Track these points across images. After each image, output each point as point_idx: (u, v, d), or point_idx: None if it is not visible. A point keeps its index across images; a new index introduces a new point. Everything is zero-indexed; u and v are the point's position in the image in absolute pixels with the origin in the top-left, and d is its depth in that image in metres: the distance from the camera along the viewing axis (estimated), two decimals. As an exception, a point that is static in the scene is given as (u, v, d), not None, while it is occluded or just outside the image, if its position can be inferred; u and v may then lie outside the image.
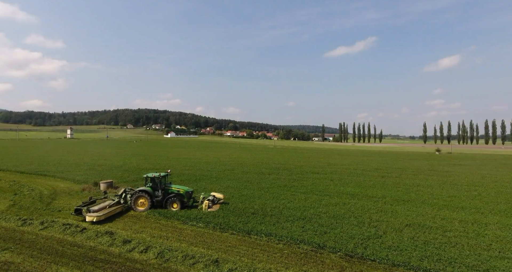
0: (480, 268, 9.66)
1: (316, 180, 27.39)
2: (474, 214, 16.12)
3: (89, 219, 13.51)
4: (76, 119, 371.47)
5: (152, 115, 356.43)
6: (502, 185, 26.17)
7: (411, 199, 19.91)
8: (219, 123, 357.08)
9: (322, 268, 10.00)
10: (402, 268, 9.98)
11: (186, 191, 16.55)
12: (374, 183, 26.41)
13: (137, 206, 15.83)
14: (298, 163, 43.57)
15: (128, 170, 30.45)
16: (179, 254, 10.49)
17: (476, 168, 41.32)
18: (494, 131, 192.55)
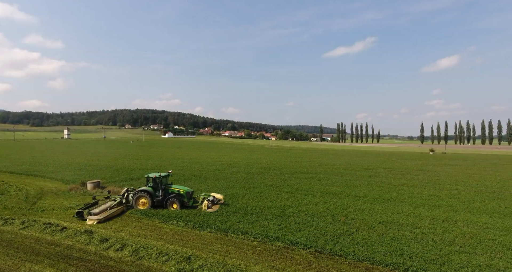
0: (437, 262, 10.12)
1: (304, 180, 27.80)
2: (447, 212, 16.58)
3: (89, 222, 13.78)
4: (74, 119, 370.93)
5: (150, 116, 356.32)
6: (484, 184, 26.68)
7: (391, 197, 20.36)
8: (217, 124, 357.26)
9: (290, 264, 10.40)
10: (366, 263, 10.42)
11: (186, 191, 16.67)
12: (360, 182, 26.86)
13: (138, 205, 16.11)
14: (289, 163, 43.99)
15: (118, 170, 30.78)
16: (153, 252, 10.85)
17: (465, 167, 41.85)
18: (491, 131, 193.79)
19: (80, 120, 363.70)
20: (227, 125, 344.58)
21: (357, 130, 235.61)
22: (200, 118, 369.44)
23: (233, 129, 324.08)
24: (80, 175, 27.16)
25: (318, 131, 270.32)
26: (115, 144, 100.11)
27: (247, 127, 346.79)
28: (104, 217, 14.15)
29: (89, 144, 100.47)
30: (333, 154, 74.82)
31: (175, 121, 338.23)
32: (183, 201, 16.35)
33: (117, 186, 22.00)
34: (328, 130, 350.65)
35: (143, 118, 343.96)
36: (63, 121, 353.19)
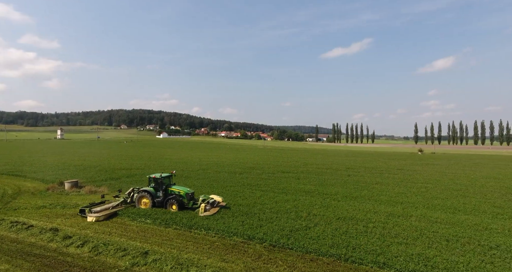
0: (376, 252, 10.88)
1: (283, 179, 28.48)
2: (407, 208, 17.35)
3: (89, 219, 14.24)
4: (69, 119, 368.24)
5: (146, 116, 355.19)
6: (455, 182, 27.59)
7: (360, 195, 21.10)
8: (214, 124, 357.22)
9: (241, 257, 11.04)
10: (313, 254, 11.14)
11: (186, 192, 16.54)
12: (337, 181, 27.60)
13: (140, 205, 16.43)
14: (275, 163, 44.67)
15: (101, 170, 31.21)
16: (113, 248, 11.31)
17: (445, 167, 42.87)
18: (483, 132, 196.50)
19: (75, 121, 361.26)
20: (224, 126, 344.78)
21: (352, 130, 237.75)
22: (196, 118, 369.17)
23: (229, 130, 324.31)
24: (62, 174, 27.55)
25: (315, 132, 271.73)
26: (107, 144, 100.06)
27: (244, 128, 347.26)
28: (103, 215, 14.45)
29: (81, 144, 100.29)
30: (323, 154, 75.70)
31: (171, 122, 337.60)
32: (183, 202, 16.24)
33: (95, 186, 22.46)
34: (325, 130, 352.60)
35: (139, 119, 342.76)
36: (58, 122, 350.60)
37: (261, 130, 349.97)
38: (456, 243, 11.85)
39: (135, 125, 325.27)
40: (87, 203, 17.34)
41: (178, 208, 15.85)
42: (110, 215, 15.10)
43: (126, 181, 25.39)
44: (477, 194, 21.69)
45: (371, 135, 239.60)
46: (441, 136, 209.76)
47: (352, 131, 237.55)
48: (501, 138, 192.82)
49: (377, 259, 10.39)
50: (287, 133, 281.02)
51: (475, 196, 21.14)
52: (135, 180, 25.74)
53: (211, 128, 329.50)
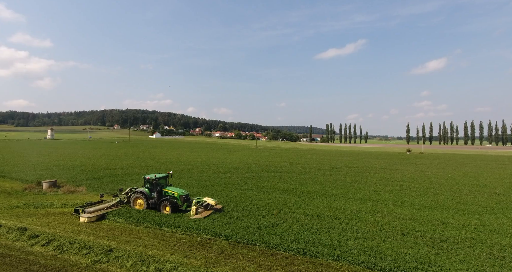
0: (333, 246, 11.40)
1: (265, 178, 28.93)
2: (376, 205, 17.96)
3: (81, 219, 14.18)
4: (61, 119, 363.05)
5: (140, 116, 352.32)
6: (431, 181, 28.47)
7: (336, 193, 21.67)
8: (208, 124, 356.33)
9: (204, 253, 11.39)
10: (274, 249, 11.59)
11: (180, 194, 16.06)
12: (317, 180, 28.17)
13: (136, 206, 16.25)
14: (262, 163, 45.13)
15: (84, 170, 31.19)
16: (78, 246, 11.41)
17: (427, 166, 43.95)
18: (473, 132, 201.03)
19: (68, 121, 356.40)
20: (218, 126, 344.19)
21: (346, 131, 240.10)
22: (191, 118, 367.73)
23: (224, 130, 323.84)
24: (43, 175, 27.48)
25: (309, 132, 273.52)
26: (98, 144, 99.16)
27: (238, 128, 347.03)
28: (95, 215, 14.33)
29: (71, 144, 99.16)
30: (313, 154, 76.51)
31: (165, 122, 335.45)
32: (177, 204, 15.81)
33: (74, 185, 22.54)
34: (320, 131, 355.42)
35: (133, 119, 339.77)
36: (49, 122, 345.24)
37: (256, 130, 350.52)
38: (411, 236, 12.45)
39: (129, 126, 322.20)
40: (61, 203, 17.48)
41: (171, 210, 15.40)
42: (103, 215, 14.86)
43: (107, 180, 25.50)
44: (447, 192, 22.49)
45: (364, 135, 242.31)
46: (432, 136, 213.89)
47: (345, 132, 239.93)
48: (490, 138, 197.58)
49: (332, 253, 10.90)
50: (281, 134, 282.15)
51: (445, 193, 21.93)
52: (116, 180, 25.87)
53: (205, 128, 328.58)
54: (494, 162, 54.89)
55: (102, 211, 15.17)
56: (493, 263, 9.90)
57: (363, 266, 10.10)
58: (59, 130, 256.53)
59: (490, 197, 20.42)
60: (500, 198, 20.26)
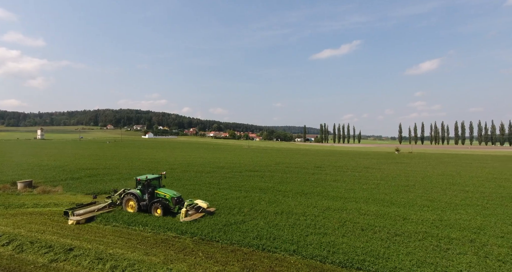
0: (292, 242, 11.73)
1: (247, 177, 29.21)
2: (347, 203, 18.39)
3: (70, 222, 13.84)
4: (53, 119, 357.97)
5: (134, 116, 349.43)
6: (408, 179, 29.16)
7: (312, 192, 22.06)
8: (203, 124, 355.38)
9: (165, 250, 11.55)
10: (236, 246, 11.84)
11: (172, 196, 15.51)
12: (298, 179, 28.58)
13: (127, 207, 15.77)
14: (248, 162, 45.42)
15: (65, 170, 31.02)
16: (38, 245, 11.37)
17: (411, 165, 44.84)
18: (463, 132, 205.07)
19: (60, 121, 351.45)
20: (213, 126, 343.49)
21: (340, 131, 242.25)
22: (185, 118, 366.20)
23: (218, 130, 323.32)
24: (22, 175, 27.28)
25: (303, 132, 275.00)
26: (88, 145, 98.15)
27: (233, 128, 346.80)
28: (84, 218, 14.00)
29: (61, 144, 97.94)
30: (303, 154, 77.12)
31: (160, 122, 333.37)
32: (168, 206, 15.28)
33: (51, 185, 22.47)
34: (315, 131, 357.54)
35: (126, 119, 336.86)
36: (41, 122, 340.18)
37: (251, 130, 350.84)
38: (369, 231, 12.87)
39: (122, 126, 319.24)
40: (33, 203, 17.44)
41: (163, 212, 14.86)
42: (92, 217, 14.52)
43: (87, 180, 25.45)
44: (420, 189, 23.11)
45: (358, 135, 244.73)
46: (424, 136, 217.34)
47: (339, 132, 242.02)
48: (480, 138, 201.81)
49: (289, 248, 11.23)
50: (276, 134, 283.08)
51: (417, 191, 22.54)
52: (96, 180, 25.84)
53: (200, 128, 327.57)
54: (478, 161, 56.22)
55: (92, 213, 14.78)
56: (437, 254, 10.36)
57: (316, 260, 10.45)
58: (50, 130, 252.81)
59: (458, 194, 21.07)
60: (468, 195, 20.93)
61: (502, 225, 13.49)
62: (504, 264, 9.55)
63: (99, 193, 20.91)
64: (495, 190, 22.90)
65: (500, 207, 17.24)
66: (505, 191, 22.23)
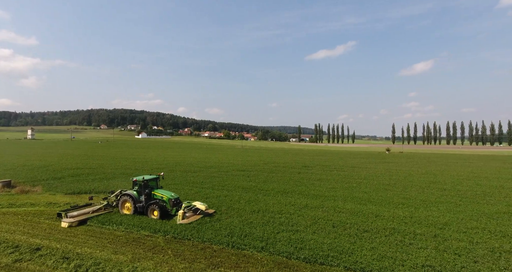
0: (262, 239, 11.88)
1: (232, 177, 29.30)
2: (326, 201, 18.64)
3: (63, 224, 13.33)
4: (45, 119, 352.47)
5: (128, 116, 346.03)
6: (391, 178, 29.66)
7: (294, 190, 22.28)
8: (198, 124, 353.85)
9: (134, 248, 11.52)
10: (207, 243, 11.95)
11: (169, 197, 14.90)
12: (282, 178, 28.78)
13: (123, 209, 15.20)
14: (238, 162, 45.50)
15: (48, 170, 30.68)
16: (4, 246, 11.26)
17: (398, 164, 45.53)
18: (455, 132, 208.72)
19: (52, 121, 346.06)
20: (208, 126, 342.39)
21: (334, 131, 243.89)
22: (180, 118, 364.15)
23: (214, 130, 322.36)
24: (3, 175, 26.93)
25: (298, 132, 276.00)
26: (79, 145, 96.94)
27: (229, 128, 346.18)
28: (77, 220, 13.54)
29: (51, 144, 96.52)
30: (295, 153, 77.51)
31: (154, 122, 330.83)
32: (166, 208, 14.68)
33: (31, 185, 22.22)
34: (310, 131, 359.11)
35: (120, 119, 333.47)
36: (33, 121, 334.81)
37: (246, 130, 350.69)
38: (340, 228, 13.11)
39: (116, 125, 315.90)
40: (8, 203, 17.24)
41: (160, 215, 14.27)
42: (85, 220, 14.02)
43: (69, 180, 25.23)
44: (399, 188, 23.53)
45: (352, 135, 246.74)
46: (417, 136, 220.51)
47: (333, 132, 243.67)
48: (471, 138, 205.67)
49: (258, 245, 11.38)
50: (271, 134, 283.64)
51: (396, 189, 22.95)
52: (79, 179, 25.64)
53: (195, 128, 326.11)
54: (464, 160, 57.33)
55: (86, 215, 14.32)
56: (399, 249, 10.65)
57: (282, 256, 10.62)
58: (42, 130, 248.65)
59: (435, 192, 21.52)
60: (444, 193, 21.40)
61: (468, 221, 13.87)
62: (459, 257, 9.86)
63: (80, 193, 20.79)
64: (472, 188, 23.45)
65: (471, 204, 17.69)
66: (480, 189, 22.79)
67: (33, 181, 24.23)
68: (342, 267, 9.61)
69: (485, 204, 17.67)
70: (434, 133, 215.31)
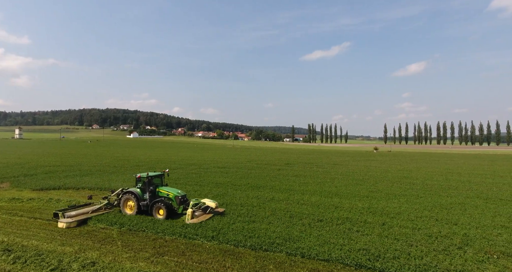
0: (215, 229, 11.86)
1: (210, 173, 29.31)
2: (293, 195, 18.81)
3: (60, 225, 12.59)
4: (36, 119, 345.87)
5: (121, 116, 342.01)
6: (367, 174, 30.12)
7: (266, 185, 22.40)
8: (192, 124, 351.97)
9: (85, 240, 11.37)
10: (160, 234, 11.90)
11: (175, 195, 14.03)
12: (260, 174, 28.92)
13: (126, 209, 14.24)
14: (222, 160, 45.51)
15: (24, 167, 30.23)
16: None
17: (380, 162, 46.20)
18: (445, 132, 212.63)
19: (43, 120, 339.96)
20: (202, 126, 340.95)
21: (327, 131, 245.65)
22: (174, 118, 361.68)
23: (208, 130, 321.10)
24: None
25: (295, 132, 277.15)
26: (67, 144, 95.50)
27: (223, 128, 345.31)
28: (75, 220, 12.83)
29: (38, 143, 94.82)
30: (284, 152, 77.87)
31: (147, 122, 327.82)
32: (172, 207, 13.75)
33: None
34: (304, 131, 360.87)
35: (113, 118, 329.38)
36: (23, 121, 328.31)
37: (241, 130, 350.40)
38: (296, 218, 13.28)
39: (108, 125, 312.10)
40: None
41: (166, 214, 13.32)
42: (85, 220, 13.25)
43: (41, 177, 24.88)
44: (371, 182, 23.91)
45: (344, 135, 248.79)
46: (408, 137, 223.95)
47: (327, 132, 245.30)
48: (460, 138, 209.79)
49: (210, 234, 11.42)
50: (264, 134, 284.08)
51: (367, 184, 23.30)
52: (51, 176, 25.31)
53: (189, 128, 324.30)
54: (446, 158, 58.46)
55: (85, 215, 13.51)
56: (344, 236, 10.88)
57: (230, 244, 10.71)
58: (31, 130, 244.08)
59: (403, 186, 21.95)
60: (411, 186, 21.85)
61: (421, 211, 14.22)
62: (397, 241, 10.15)
63: (48, 189, 20.52)
64: (440, 182, 23.98)
65: (432, 196, 18.11)
66: (448, 183, 23.33)
67: (2, 178, 23.82)
68: (285, 253, 9.77)
69: (445, 196, 18.10)
70: (425, 133, 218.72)
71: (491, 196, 18.21)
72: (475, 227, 11.58)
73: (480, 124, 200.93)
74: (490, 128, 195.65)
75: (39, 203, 16.75)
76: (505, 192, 19.50)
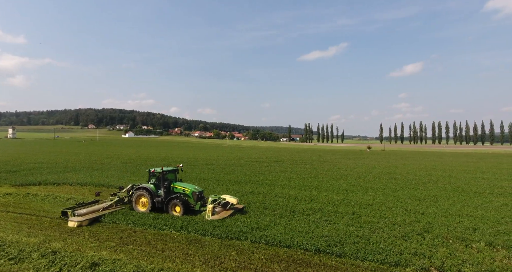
0: (184, 221, 11.84)
1: (196, 170, 29.35)
2: (273, 189, 18.87)
3: (70, 224, 11.97)
4: (31, 119, 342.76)
5: (117, 115, 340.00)
6: (352, 170, 30.36)
7: (249, 180, 22.46)
8: (189, 124, 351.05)
9: (52, 232, 11.15)
10: (131, 226, 11.88)
11: (192, 190, 13.43)
12: (247, 171, 28.97)
13: (138, 206, 13.56)
14: (212, 158, 45.51)
15: (7, 164, 29.96)
16: None
17: (370, 160, 46.57)
18: (440, 132, 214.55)
19: (38, 120, 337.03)
20: (199, 126, 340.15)
21: (324, 130, 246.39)
22: (171, 118, 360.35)
23: (205, 130, 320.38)
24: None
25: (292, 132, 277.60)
26: (59, 143, 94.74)
27: (220, 128, 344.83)
28: (87, 219, 12.24)
29: (30, 143, 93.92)
30: (277, 151, 78.00)
31: (144, 122, 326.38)
32: (189, 203, 13.15)
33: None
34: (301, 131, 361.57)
35: (109, 118, 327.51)
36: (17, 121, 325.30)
37: (238, 130, 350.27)
38: (269, 210, 13.35)
39: (104, 125, 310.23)
40: None
41: (183, 210, 12.71)
42: (96, 218, 12.64)
43: (23, 173, 24.67)
44: (353, 177, 24.08)
45: (341, 135, 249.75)
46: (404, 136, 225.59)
47: (323, 132, 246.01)
48: (455, 137, 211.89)
49: (179, 225, 11.44)
50: (261, 134, 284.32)
51: (349, 179, 23.46)
52: (33, 173, 25.07)
53: (185, 128, 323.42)
54: (437, 156, 58.96)
55: (96, 212, 13.00)
56: (311, 225, 11.00)
57: (198, 234, 10.75)
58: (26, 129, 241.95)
59: (384, 181, 22.14)
60: (392, 181, 22.05)
61: (394, 202, 14.36)
62: (361, 229, 10.28)
63: (28, 184, 20.34)
64: (421, 177, 24.23)
65: (409, 189, 18.29)
66: (427, 178, 23.57)
67: (-16, 175, 23.55)
68: (249, 241, 9.84)
69: (422, 189, 18.29)
70: (420, 133, 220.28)
71: (467, 189, 18.45)
72: (440, 215, 11.75)
73: (475, 124, 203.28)
74: (484, 128, 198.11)
75: (15, 198, 16.64)
76: (481, 186, 19.76)
